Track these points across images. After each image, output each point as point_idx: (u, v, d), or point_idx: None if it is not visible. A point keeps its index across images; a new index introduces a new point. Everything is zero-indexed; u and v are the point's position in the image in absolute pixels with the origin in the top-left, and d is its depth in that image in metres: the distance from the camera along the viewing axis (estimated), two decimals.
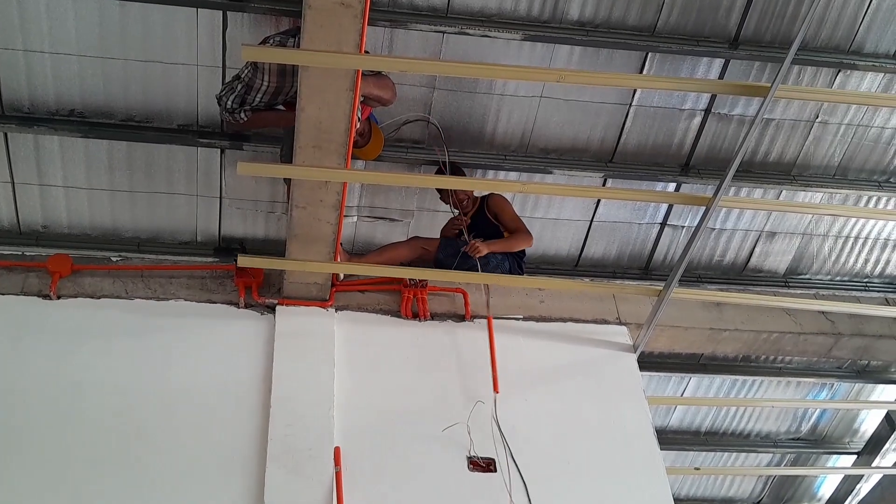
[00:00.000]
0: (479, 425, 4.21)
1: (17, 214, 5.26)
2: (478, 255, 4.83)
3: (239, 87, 4.39)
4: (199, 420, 4.07)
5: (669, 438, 7.32)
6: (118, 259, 4.83)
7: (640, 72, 5.16)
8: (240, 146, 5.09)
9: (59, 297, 4.44)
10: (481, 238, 5.02)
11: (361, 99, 4.30)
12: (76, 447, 3.91)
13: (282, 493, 3.81)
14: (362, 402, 4.27)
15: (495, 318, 4.74)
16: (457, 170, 5.16)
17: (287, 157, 4.23)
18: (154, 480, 3.84)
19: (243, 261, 4.34)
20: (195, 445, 3.98)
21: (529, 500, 4.04)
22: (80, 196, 5.24)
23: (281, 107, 4.54)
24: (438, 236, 5.30)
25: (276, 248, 5.39)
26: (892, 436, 7.25)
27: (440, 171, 5.07)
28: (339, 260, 4.51)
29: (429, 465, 4.10)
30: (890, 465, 7.34)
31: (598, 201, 5.77)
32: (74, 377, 4.14)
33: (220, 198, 5.36)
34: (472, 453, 4.14)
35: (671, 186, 5.75)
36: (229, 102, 4.41)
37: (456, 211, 5.12)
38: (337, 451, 3.97)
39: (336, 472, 3.89)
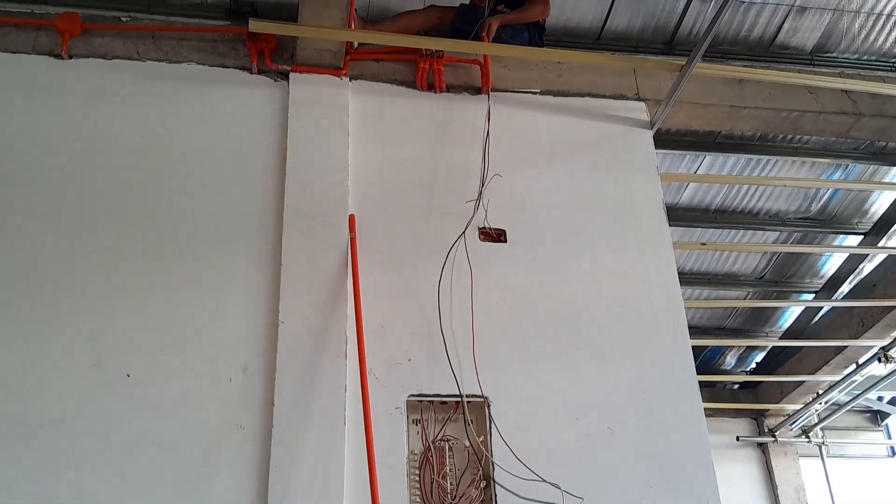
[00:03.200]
0: (492, 197, 4.27)
1: None
2: (490, 34, 4.67)
3: None
4: (214, 183, 4.13)
5: (679, 215, 7.41)
6: (128, 19, 4.70)
7: None
8: None
9: (70, 57, 4.38)
10: (505, 6, 4.88)
11: None
12: (94, 202, 3.99)
13: (298, 256, 3.92)
14: (376, 172, 4.30)
15: (513, 91, 4.67)
16: None
17: None
18: (171, 240, 3.95)
19: (255, 25, 4.21)
20: (212, 207, 4.06)
21: (538, 269, 4.18)
22: None
23: None
24: (456, 4, 5.12)
25: (288, 11, 5.20)
26: None
27: None
28: (352, 27, 4.38)
29: (441, 235, 4.18)
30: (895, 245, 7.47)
31: None
32: (91, 136, 4.16)
33: None
34: (484, 224, 4.23)
35: None
36: None
37: None
38: (351, 218, 4.05)
39: (350, 238, 3.99)
